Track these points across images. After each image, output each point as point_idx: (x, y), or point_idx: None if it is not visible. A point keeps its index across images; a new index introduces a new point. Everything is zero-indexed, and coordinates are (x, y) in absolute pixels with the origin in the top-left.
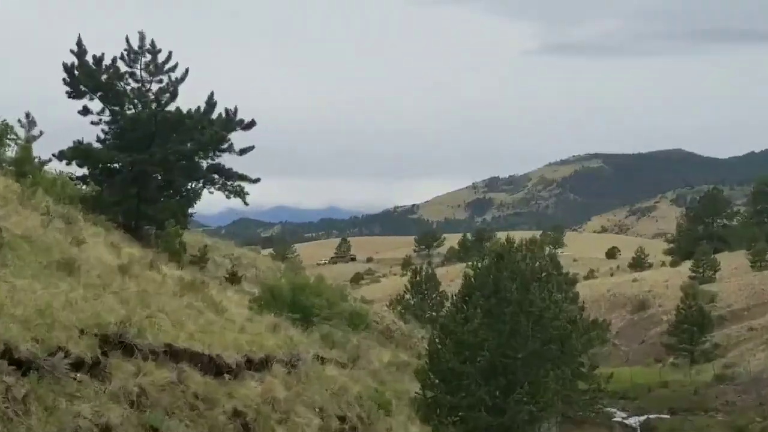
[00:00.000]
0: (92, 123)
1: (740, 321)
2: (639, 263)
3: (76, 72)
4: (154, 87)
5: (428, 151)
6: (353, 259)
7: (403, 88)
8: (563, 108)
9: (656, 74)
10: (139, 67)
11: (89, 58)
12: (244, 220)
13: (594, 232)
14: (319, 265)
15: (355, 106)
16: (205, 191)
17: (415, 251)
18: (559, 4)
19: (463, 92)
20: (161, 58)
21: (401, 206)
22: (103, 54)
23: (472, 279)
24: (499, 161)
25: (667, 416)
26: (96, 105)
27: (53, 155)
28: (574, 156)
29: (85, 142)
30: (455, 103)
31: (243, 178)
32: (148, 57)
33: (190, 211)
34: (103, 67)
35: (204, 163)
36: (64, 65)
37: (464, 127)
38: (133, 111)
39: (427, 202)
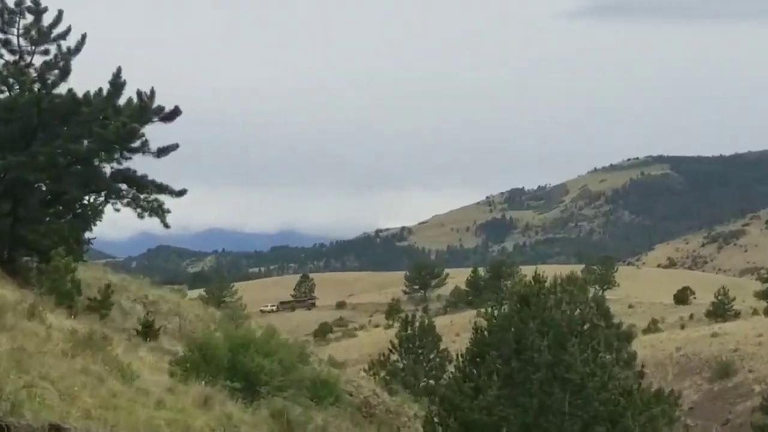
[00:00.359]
0: None
1: None
2: (721, 311)
3: None
4: (38, 61)
5: (425, 154)
6: (313, 305)
7: (387, 74)
8: (611, 93)
9: (738, 44)
10: (15, 33)
11: None
12: (164, 249)
13: (658, 266)
14: (264, 312)
15: (325, 95)
16: (108, 207)
17: (405, 293)
18: None
19: (470, 75)
20: (47, 20)
21: (386, 230)
22: None
23: (486, 333)
24: (524, 167)
25: None
26: None
27: None
28: (629, 160)
29: None
30: (460, 90)
31: (162, 189)
32: (29, 18)
33: (87, 235)
34: None
35: (107, 168)
36: None
37: (472, 121)
38: (7, 94)
39: (423, 224)
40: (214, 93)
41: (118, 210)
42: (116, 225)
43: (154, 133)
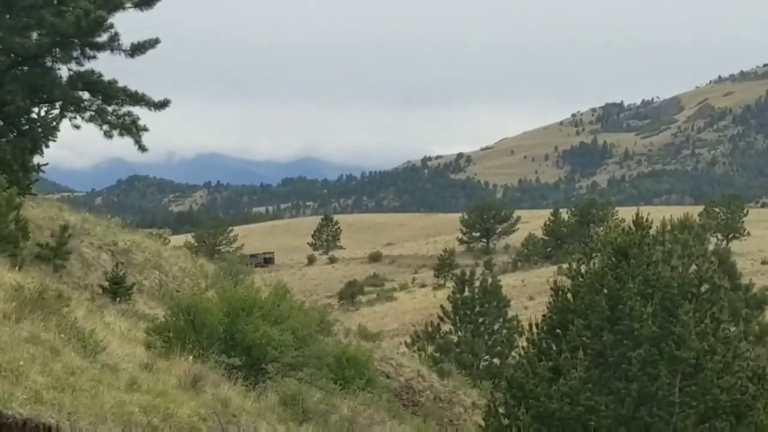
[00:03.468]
0: None
1: None
2: None
3: None
4: None
5: (491, 59)
6: (269, 261)
7: None
8: None
9: None
10: None
11: None
12: (139, 181)
13: None
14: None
15: None
16: (65, 123)
17: (461, 242)
18: None
19: None
20: None
21: (437, 157)
22: None
23: (570, 296)
24: (622, 76)
25: None
26: None
27: None
28: (764, 66)
29: None
30: None
31: (137, 99)
32: None
33: (36, 160)
34: None
35: (64, 71)
36: None
37: (553, 16)
38: None
39: (487, 150)
40: None
41: (77, 127)
42: (76, 148)
43: (128, 24)
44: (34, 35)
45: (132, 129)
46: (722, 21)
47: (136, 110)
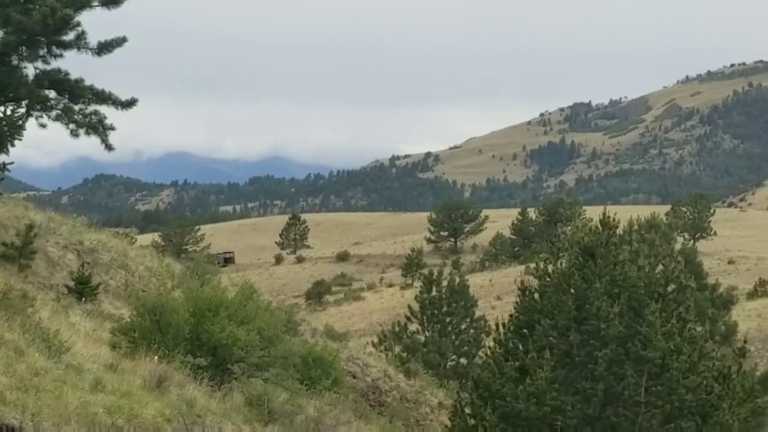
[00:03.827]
0: None
1: None
2: None
3: None
4: None
5: (459, 58)
6: (229, 261)
7: None
8: None
9: None
10: None
11: None
12: (106, 180)
13: None
14: None
15: None
16: (31, 122)
17: (430, 241)
18: None
19: None
20: None
21: (405, 156)
22: None
23: (537, 295)
24: (591, 74)
25: None
26: None
27: None
28: (732, 66)
29: None
30: None
31: (104, 98)
32: None
33: (2, 159)
34: None
35: (29, 69)
36: None
37: (521, 14)
38: None
39: (455, 149)
40: None
41: (44, 126)
42: (43, 147)
43: (94, 22)
44: (0, 33)
45: (98, 128)
46: (690, 21)
47: (103, 109)
